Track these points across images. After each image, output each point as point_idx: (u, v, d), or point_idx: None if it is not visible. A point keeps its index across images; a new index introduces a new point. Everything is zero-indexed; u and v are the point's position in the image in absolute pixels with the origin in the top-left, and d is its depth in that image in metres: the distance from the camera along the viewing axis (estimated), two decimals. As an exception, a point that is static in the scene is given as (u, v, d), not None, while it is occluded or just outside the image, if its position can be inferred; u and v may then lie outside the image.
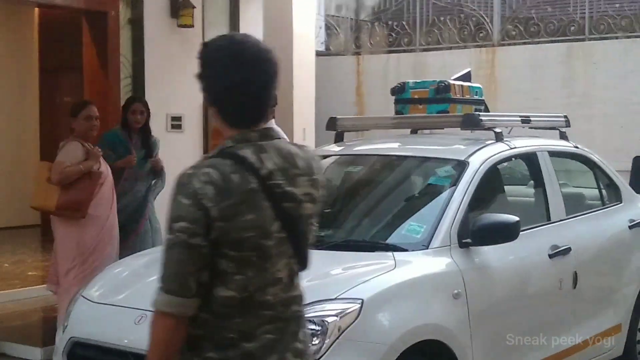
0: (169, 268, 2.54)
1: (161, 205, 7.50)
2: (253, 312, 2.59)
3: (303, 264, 2.73)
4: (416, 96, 6.14)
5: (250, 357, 2.58)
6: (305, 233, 2.71)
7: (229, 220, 2.49)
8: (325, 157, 5.93)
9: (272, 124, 6.80)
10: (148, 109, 7.39)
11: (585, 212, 5.90)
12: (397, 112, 6.21)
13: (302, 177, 2.65)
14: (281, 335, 2.64)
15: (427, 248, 4.55)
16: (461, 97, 6.09)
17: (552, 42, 11.97)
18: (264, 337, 2.59)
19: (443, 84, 6.02)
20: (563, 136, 6.25)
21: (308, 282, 4.25)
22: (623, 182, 6.45)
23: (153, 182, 7.30)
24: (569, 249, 5.29)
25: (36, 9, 10.66)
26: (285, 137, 3.36)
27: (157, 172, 7.29)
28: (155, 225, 7.23)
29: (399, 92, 6.22)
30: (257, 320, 2.59)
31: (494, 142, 5.40)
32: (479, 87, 6.37)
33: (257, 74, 2.61)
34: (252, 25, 10.43)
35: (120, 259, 6.41)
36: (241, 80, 2.59)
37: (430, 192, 5.13)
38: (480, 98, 6.28)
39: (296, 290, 2.73)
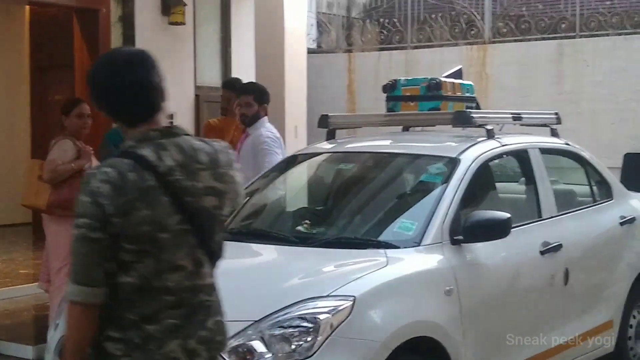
0: (76, 261, 2.71)
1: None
2: (153, 297, 2.75)
3: (215, 254, 2.91)
4: (407, 93, 6.14)
5: (150, 339, 2.73)
6: (210, 225, 2.86)
7: (124, 216, 2.66)
8: (317, 154, 5.96)
9: (265, 121, 6.85)
10: None
11: (576, 209, 5.90)
12: (388, 110, 6.21)
13: (204, 172, 2.79)
14: (185, 322, 2.79)
15: (419, 245, 4.54)
16: (452, 95, 6.09)
17: (542, 39, 11.99)
18: (166, 321, 2.75)
19: (434, 82, 6.02)
20: (554, 133, 6.26)
21: (300, 279, 4.29)
22: (614, 179, 6.46)
23: None
24: (560, 246, 5.29)
25: (27, 6, 10.63)
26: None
27: None
28: None
29: (391, 89, 6.22)
30: (159, 304, 2.75)
31: (485, 139, 5.40)
32: (470, 85, 6.37)
33: (131, 76, 2.83)
34: (244, 23, 10.44)
35: None
36: (117, 83, 2.81)
37: (422, 190, 5.13)
38: (471, 95, 6.28)
39: (205, 279, 2.88)
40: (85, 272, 2.71)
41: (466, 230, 4.63)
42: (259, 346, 3.84)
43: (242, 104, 6.87)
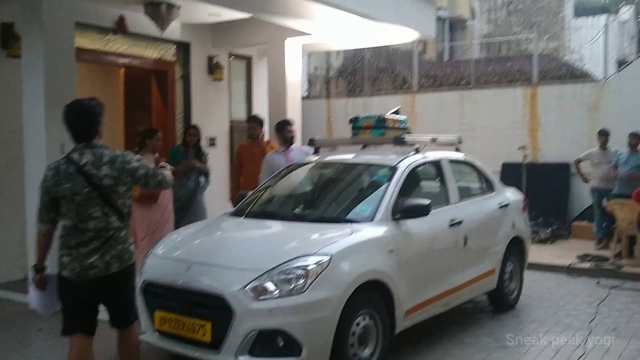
0: (37, 209, 3.56)
1: (206, 197, 7.61)
2: (82, 233, 3.48)
3: (118, 210, 3.54)
4: (365, 125, 6.14)
5: (83, 255, 3.47)
6: (110, 193, 3.50)
7: (57, 187, 3.48)
8: (307, 163, 5.95)
9: (297, 145, 6.95)
10: (199, 132, 7.54)
11: (471, 198, 5.91)
12: (353, 135, 6.23)
13: (105, 166, 3.48)
14: (102, 246, 3.50)
15: (372, 221, 4.55)
16: (393, 126, 6.10)
17: (451, 90, 12.03)
18: (91, 245, 3.49)
19: (382, 118, 6.04)
20: (457, 149, 6.27)
21: (297, 243, 4.28)
22: (495, 179, 6.47)
23: (203, 180, 7.36)
24: (461, 222, 5.32)
25: (122, 69, 10.56)
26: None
27: (204, 173, 7.36)
28: (203, 206, 7.35)
29: (354, 122, 6.23)
30: (85, 237, 3.48)
31: (414, 154, 5.41)
32: (404, 120, 6.37)
33: (72, 117, 3.56)
34: (261, 79, 10.43)
35: (185, 224, 6.64)
36: (67, 120, 3.56)
37: (374, 186, 5.13)
38: (405, 127, 6.30)
39: (112, 223, 3.53)
40: (40, 216, 3.53)
41: (402, 211, 4.64)
42: (270, 286, 3.84)
43: (259, 130, 7.20)
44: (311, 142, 6.14)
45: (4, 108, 6.98)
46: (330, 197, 5.40)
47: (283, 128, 6.88)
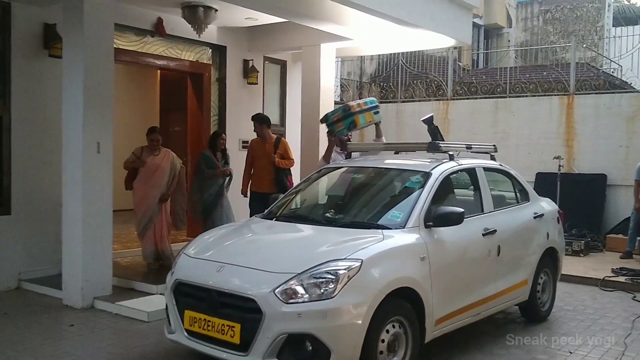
0: None
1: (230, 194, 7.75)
2: None
3: None
4: (335, 119, 6.13)
5: None
6: None
7: None
8: (339, 167, 5.91)
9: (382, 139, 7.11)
10: (225, 137, 8.10)
11: (505, 207, 5.81)
12: (329, 132, 6.27)
13: None
14: None
15: (404, 228, 4.49)
16: (359, 110, 6.05)
17: (485, 98, 11.89)
18: None
19: (346, 106, 6.06)
20: (492, 158, 6.17)
21: (327, 247, 4.24)
22: (530, 188, 6.36)
23: (227, 179, 7.89)
24: (495, 231, 5.22)
25: (158, 71, 10.69)
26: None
27: (228, 175, 7.95)
28: (228, 200, 7.87)
29: (325, 120, 6.30)
30: None
31: (448, 161, 5.33)
32: (373, 100, 6.38)
33: None
34: (294, 83, 10.44)
35: (210, 221, 7.39)
36: None
37: (406, 192, 5.05)
38: (374, 105, 6.30)
39: None
40: None
41: (435, 219, 4.57)
42: (300, 289, 3.80)
43: (259, 128, 7.70)
44: (344, 147, 6.09)
45: (44, 107, 7.10)
46: (361, 202, 5.34)
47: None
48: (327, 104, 9.29)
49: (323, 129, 9.08)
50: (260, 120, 7.80)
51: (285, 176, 7.67)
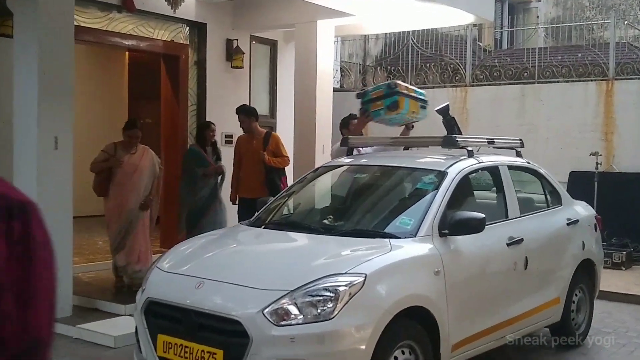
0: None
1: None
2: None
3: None
4: (374, 96, 6.12)
5: None
6: None
7: None
8: (339, 166, 5.92)
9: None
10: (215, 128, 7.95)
11: (534, 212, 5.82)
12: (362, 110, 6.23)
13: None
14: None
15: (415, 236, 4.48)
16: (406, 93, 6.04)
17: (509, 84, 11.90)
18: None
19: (393, 82, 6.02)
20: (518, 154, 6.18)
21: (325, 260, 4.25)
22: (563, 190, 6.38)
23: (219, 177, 7.79)
24: (521, 240, 5.23)
25: (126, 53, 10.68)
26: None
27: (221, 173, 7.82)
28: (224, 204, 7.76)
29: (363, 96, 6.26)
30: None
31: (466, 158, 5.33)
32: (422, 92, 6.34)
33: None
34: (286, 67, 10.44)
35: (202, 226, 7.14)
36: None
37: (418, 194, 5.06)
38: (423, 98, 6.26)
39: None
40: None
41: (451, 226, 4.57)
42: (293, 309, 3.80)
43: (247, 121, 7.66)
44: (345, 142, 6.10)
45: (-7, 94, 7.10)
46: (365, 207, 5.35)
47: (348, 123, 7.27)
48: (325, 92, 9.31)
49: (323, 119, 9.17)
50: (247, 113, 7.77)
51: (279, 177, 7.64)
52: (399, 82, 6.06)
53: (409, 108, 6.09)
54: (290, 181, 7.89)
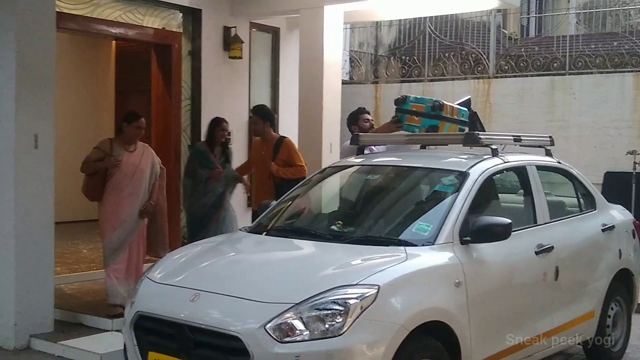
0: None
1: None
2: None
3: None
4: (414, 109, 6.11)
5: None
6: None
7: None
8: (349, 166, 5.91)
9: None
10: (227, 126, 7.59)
11: (565, 217, 5.81)
12: (396, 120, 6.21)
13: None
14: None
15: (433, 244, 4.48)
16: (450, 117, 6.04)
17: (537, 75, 11.91)
18: None
19: (438, 103, 6.01)
20: (548, 153, 6.17)
21: (334, 270, 4.23)
22: (597, 192, 6.37)
23: (230, 182, 7.55)
24: (552, 247, 5.22)
25: (113, 42, 10.72)
26: None
27: (235, 178, 7.59)
28: (232, 214, 7.50)
29: (401, 103, 6.22)
30: None
31: (490, 157, 5.33)
32: (465, 111, 6.31)
33: None
34: (290, 58, 10.46)
35: (200, 238, 6.56)
36: None
37: (436, 197, 5.05)
38: (465, 120, 6.23)
39: None
40: None
41: (473, 233, 4.56)
42: (298, 324, 3.79)
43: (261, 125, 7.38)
44: (355, 140, 6.10)
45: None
46: (378, 211, 5.34)
47: (357, 118, 7.18)
48: (332, 84, 9.31)
49: (330, 114, 9.17)
50: (263, 115, 7.41)
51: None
52: (446, 102, 6.04)
53: (446, 132, 6.10)
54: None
